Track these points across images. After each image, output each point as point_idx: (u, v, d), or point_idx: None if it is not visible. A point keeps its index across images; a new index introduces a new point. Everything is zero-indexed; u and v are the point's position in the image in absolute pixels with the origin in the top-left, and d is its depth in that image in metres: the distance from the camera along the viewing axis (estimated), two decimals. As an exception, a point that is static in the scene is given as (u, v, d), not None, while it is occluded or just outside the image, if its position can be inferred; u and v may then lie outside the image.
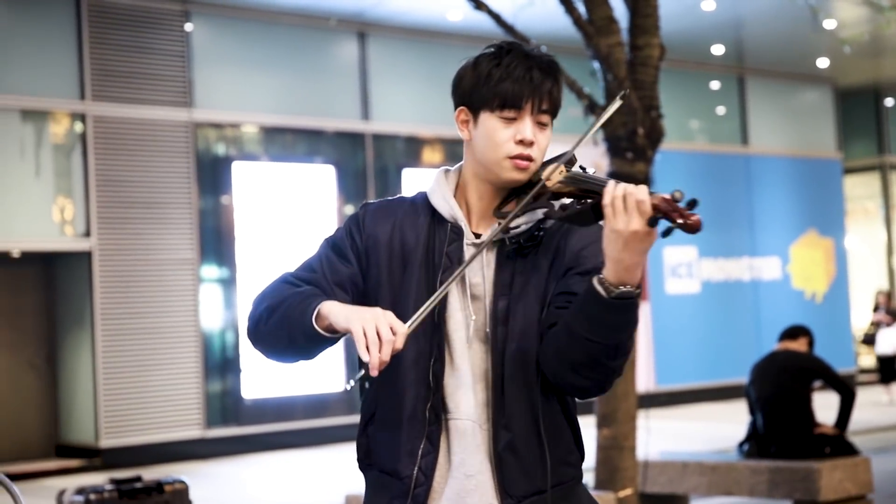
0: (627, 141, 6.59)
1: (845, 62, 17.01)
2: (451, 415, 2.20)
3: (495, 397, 2.18)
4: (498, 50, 2.25)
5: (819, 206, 18.09)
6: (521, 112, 2.20)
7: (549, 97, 2.22)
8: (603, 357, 2.09)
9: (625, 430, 6.58)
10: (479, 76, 2.22)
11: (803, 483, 7.02)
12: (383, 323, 2.03)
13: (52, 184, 11.83)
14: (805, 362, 7.39)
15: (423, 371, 2.20)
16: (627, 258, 2.00)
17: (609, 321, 2.05)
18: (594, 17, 6.63)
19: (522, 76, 2.19)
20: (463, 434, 2.19)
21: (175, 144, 12.43)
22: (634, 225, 1.98)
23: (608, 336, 2.07)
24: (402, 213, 2.30)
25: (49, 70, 11.81)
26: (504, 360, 2.18)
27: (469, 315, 2.21)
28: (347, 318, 2.07)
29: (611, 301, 2.02)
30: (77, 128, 11.96)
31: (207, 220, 12.75)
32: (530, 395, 2.19)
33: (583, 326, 2.06)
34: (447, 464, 2.20)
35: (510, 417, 2.17)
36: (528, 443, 2.18)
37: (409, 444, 2.19)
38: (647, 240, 1.99)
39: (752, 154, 17.40)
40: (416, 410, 2.19)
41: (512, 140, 2.20)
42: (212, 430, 12.51)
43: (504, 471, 2.17)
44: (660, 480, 7.65)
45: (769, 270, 17.38)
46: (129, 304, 11.97)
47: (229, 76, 12.99)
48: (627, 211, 1.98)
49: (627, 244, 1.99)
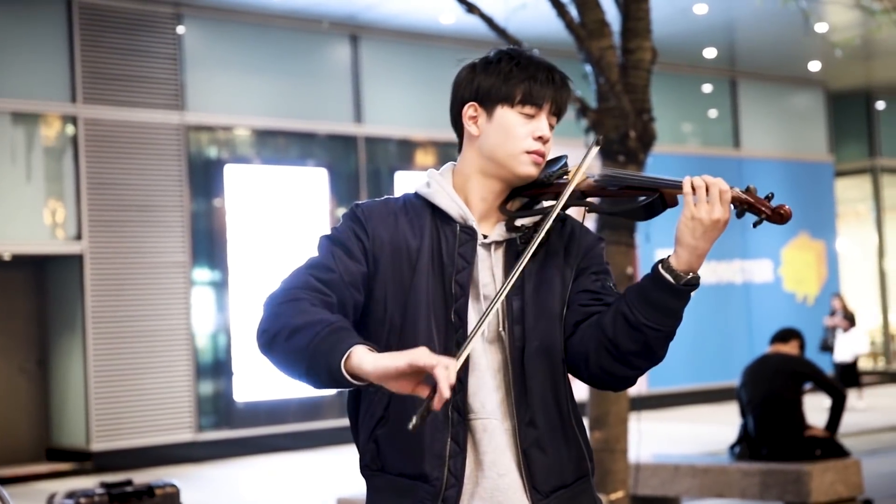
0: (619, 144, 6.60)
1: (837, 66, 17.05)
2: (476, 414, 2.19)
3: (517, 395, 2.19)
4: (514, 52, 2.32)
5: (811, 209, 18.13)
6: (540, 111, 2.26)
7: (563, 102, 2.30)
8: (658, 343, 2.16)
9: (616, 432, 6.58)
10: (500, 73, 2.26)
11: (794, 485, 7.04)
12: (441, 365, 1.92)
13: (44, 187, 11.81)
14: (796, 365, 7.41)
15: None
16: (702, 245, 2.11)
17: (673, 307, 2.13)
18: (586, 20, 6.64)
19: (546, 78, 2.27)
20: (492, 433, 2.18)
21: (167, 147, 12.42)
22: (717, 214, 2.09)
23: (668, 322, 2.14)
24: (399, 214, 2.28)
25: (40, 72, 11.79)
26: (524, 358, 2.20)
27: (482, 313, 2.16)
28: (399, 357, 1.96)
29: (680, 287, 2.12)
30: (69, 130, 11.95)
31: (199, 223, 12.74)
32: (556, 391, 2.23)
33: (644, 314, 2.12)
34: (474, 464, 2.19)
35: (535, 414, 2.19)
36: (553, 438, 2.21)
37: (435, 446, 2.16)
38: (722, 229, 2.10)
39: (744, 157, 17.43)
40: (438, 412, 2.10)
41: (531, 136, 2.24)
42: (204, 434, 12.49)
43: (532, 468, 2.19)
44: (651, 483, 7.66)
45: (761, 273, 17.41)
46: (121, 308, 11.95)
47: (221, 79, 12.99)
48: (710, 201, 2.09)
49: (706, 232, 2.10)
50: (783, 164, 17.86)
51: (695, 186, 2.10)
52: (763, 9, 12.77)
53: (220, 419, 12.75)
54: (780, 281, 17.63)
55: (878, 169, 19.70)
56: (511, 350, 2.20)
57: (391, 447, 2.20)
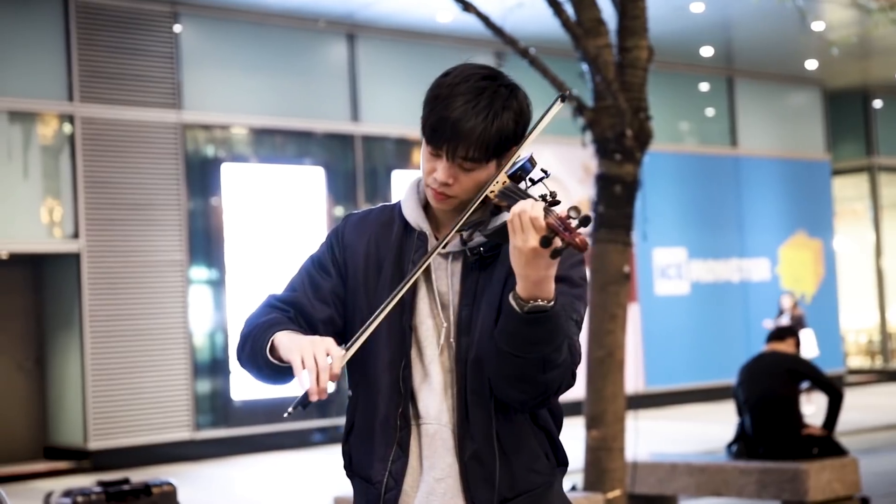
0: (616, 143, 6.60)
1: (834, 64, 17.06)
2: (423, 420, 2.23)
3: (460, 406, 2.21)
4: (458, 74, 2.21)
5: (808, 208, 18.14)
6: (439, 152, 2.18)
7: (473, 144, 2.15)
8: (532, 371, 2.08)
9: (613, 431, 6.59)
10: (426, 98, 2.21)
11: (791, 484, 7.04)
12: (320, 350, 2.06)
13: (41, 185, 11.81)
14: (793, 364, 7.41)
15: (394, 378, 2.23)
16: (533, 274, 2.00)
17: (527, 335, 2.05)
18: (582, 18, 6.64)
19: (446, 119, 2.15)
20: (433, 438, 2.22)
21: (164, 146, 12.41)
22: (531, 242, 1.98)
23: (530, 350, 2.06)
24: (378, 223, 2.34)
25: (37, 71, 11.78)
26: (466, 369, 2.20)
27: (440, 322, 2.24)
28: (288, 348, 2.11)
29: (524, 316, 2.03)
30: (65, 129, 11.94)
31: (196, 222, 12.74)
32: (488, 406, 2.20)
33: (504, 341, 2.07)
34: (419, 468, 2.24)
35: (473, 427, 2.20)
36: (489, 452, 2.20)
37: (381, 451, 2.24)
38: (546, 256, 1.98)
39: (741, 155, 17.44)
40: (388, 417, 2.23)
41: (431, 174, 2.20)
42: (201, 432, 12.49)
43: (469, 479, 2.20)
44: (649, 481, 7.66)
45: (758, 272, 17.42)
46: (118, 306, 11.95)
47: (218, 77, 12.98)
48: (524, 229, 1.99)
49: (528, 261, 1.99)
50: (780, 162, 17.86)
51: (514, 213, 2.01)
52: (759, 7, 12.77)
53: (217, 418, 12.75)
54: (777, 279, 17.64)
55: (876, 167, 19.71)
56: (457, 361, 2.22)
57: (356, 451, 2.30)
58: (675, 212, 16.33)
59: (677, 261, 16.43)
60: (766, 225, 17.56)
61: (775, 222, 17.71)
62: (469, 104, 2.15)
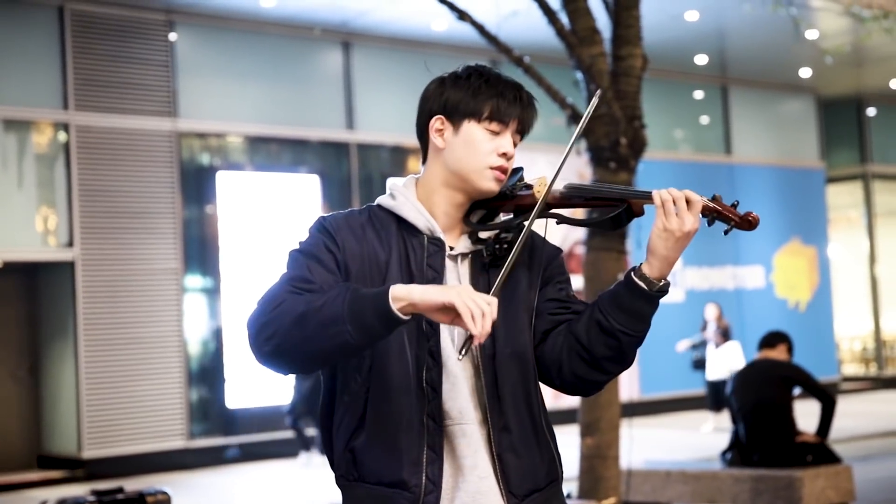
0: (610, 151, 6.62)
1: (828, 72, 17.11)
2: (454, 420, 2.24)
3: (490, 401, 2.24)
4: (482, 68, 2.35)
5: (802, 215, 18.17)
6: (506, 128, 2.30)
7: (532, 119, 2.35)
8: (630, 348, 2.27)
9: (608, 438, 6.60)
10: (468, 88, 2.30)
11: (786, 491, 7.05)
12: (479, 296, 2.05)
13: (36, 194, 11.80)
14: (785, 371, 7.42)
15: (416, 380, 2.22)
16: (673, 255, 2.21)
17: (646, 312, 2.25)
18: (577, 27, 6.66)
19: (513, 96, 2.31)
20: (469, 438, 2.23)
21: (159, 154, 12.41)
22: (688, 225, 2.18)
23: (641, 327, 2.26)
24: (365, 226, 2.30)
25: (32, 80, 11.78)
26: (496, 365, 2.25)
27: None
28: (443, 294, 2.03)
29: (653, 294, 2.24)
30: (60, 137, 11.94)
31: (191, 230, 12.74)
32: (528, 397, 2.28)
33: (618, 320, 2.23)
34: (453, 468, 2.23)
35: (508, 419, 2.24)
36: (526, 443, 2.27)
37: (412, 454, 2.20)
38: (691, 238, 2.19)
39: (736, 163, 17.47)
40: (413, 420, 2.21)
41: (495, 152, 2.29)
42: (195, 441, 12.48)
43: (507, 472, 2.24)
44: (643, 489, 7.67)
45: (753, 279, 17.44)
46: (113, 315, 11.94)
47: (213, 86, 12.99)
48: (680, 213, 2.17)
49: (678, 242, 2.19)
50: (774, 170, 17.90)
51: (663, 199, 2.18)
52: (754, 16, 12.81)
53: (211, 426, 12.73)
54: (771, 287, 17.66)
55: (870, 175, 19.75)
56: (483, 358, 2.25)
57: (368, 456, 2.23)
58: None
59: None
60: (760, 232, 17.58)
61: (770, 230, 17.73)
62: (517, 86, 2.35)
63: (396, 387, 2.22)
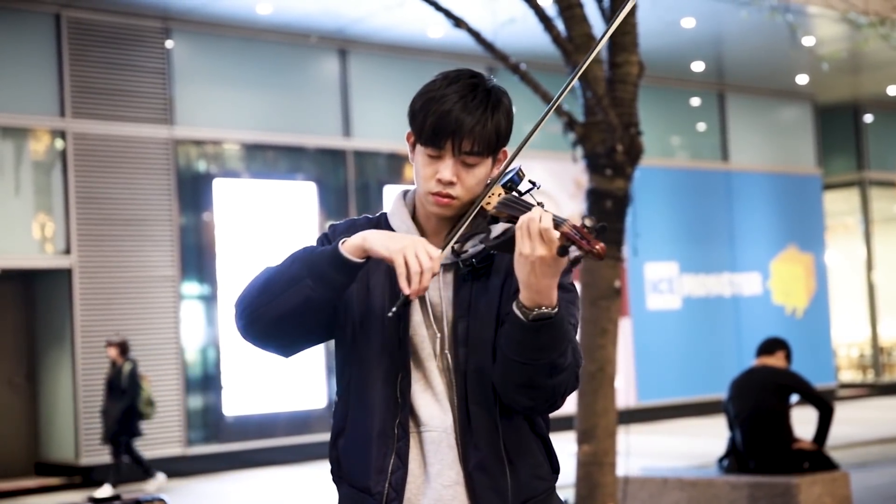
0: (607, 158, 6.62)
1: (824, 79, 17.13)
2: (425, 426, 2.23)
3: (461, 417, 2.22)
4: (444, 79, 2.23)
5: (799, 222, 18.18)
6: (442, 152, 2.19)
7: (476, 137, 2.18)
8: (540, 377, 2.12)
9: (605, 446, 6.59)
10: (417, 105, 2.22)
11: (783, 498, 7.05)
12: (422, 251, 2.07)
13: (33, 201, 11.80)
14: (783, 378, 7.42)
15: (391, 388, 2.22)
16: (536, 282, 2.04)
17: (533, 343, 2.08)
18: (573, 34, 6.67)
19: (448, 113, 2.17)
20: (438, 445, 2.22)
21: (155, 161, 12.41)
22: (539, 251, 2.01)
23: (537, 357, 2.09)
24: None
25: (29, 87, 11.79)
26: (466, 380, 2.22)
27: (434, 332, 2.24)
28: (386, 246, 2.10)
29: (530, 324, 2.07)
30: (57, 145, 11.94)
31: (188, 237, 12.73)
32: (492, 415, 2.22)
33: (511, 349, 2.11)
34: (422, 475, 2.24)
35: (478, 436, 2.21)
36: (496, 461, 2.22)
37: (379, 461, 2.22)
38: (554, 265, 2.02)
39: (733, 170, 17.49)
40: (385, 427, 2.22)
41: (433, 178, 2.20)
42: (193, 448, 12.46)
43: (476, 489, 2.21)
44: (640, 496, 7.67)
45: (750, 286, 17.45)
46: (110, 322, 11.93)
47: (210, 93, 13.00)
48: (532, 238, 2.02)
49: (534, 269, 2.03)
50: (771, 177, 17.91)
51: (522, 222, 2.04)
52: (750, 22, 12.83)
53: (208, 433, 12.72)
54: (768, 294, 17.67)
55: (867, 182, 19.77)
56: (455, 373, 2.23)
57: (347, 458, 2.28)
58: (667, 226, 16.36)
59: (669, 275, 16.45)
60: (757, 239, 17.60)
61: (767, 237, 17.74)
62: (466, 99, 2.19)
63: (372, 392, 2.23)
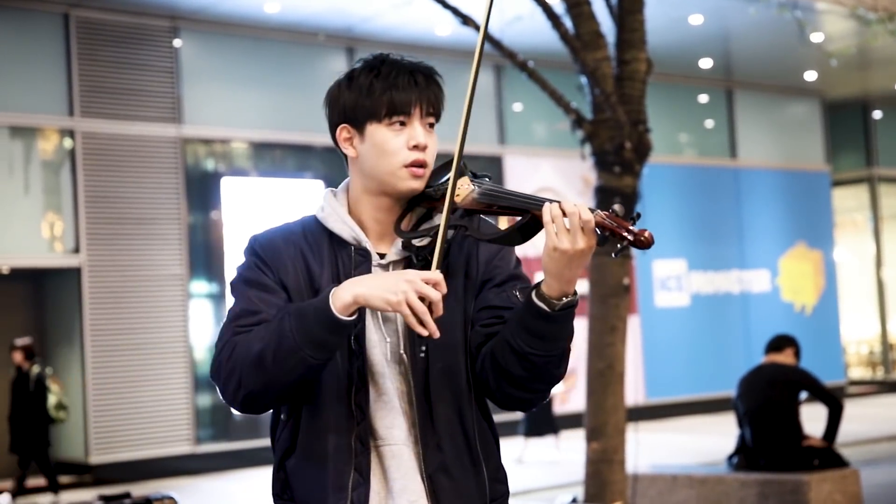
0: (615, 155, 6.62)
1: (833, 75, 17.09)
2: (384, 441, 2.14)
3: (422, 418, 2.13)
4: (373, 62, 2.20)
5: (808, 219, 18.15)
6: (411, 117, 2.15)
7: (433, 97, 2.18)
8: (552, 367, 2.08)
9: (614, 443, 6.59)
10: (360, 89, 2.16)
11: (793, 495, 7.04)
12: (422, 285, 1.96)
13: (42, 200, 11.83)
14: (792, 375, 7.40)
15: (344, 401, 2.12)
16: (569, 274, 1.99)
17: (554, 333, 2.04)
18: (581, 31, 6.66)
19: (407, 82, 2.15)
20: (399, 459, 2.13)
21: (164, 160, 12.43)
22: (580, 244, 1.96)
23: (553, 347, 2.05)
24: (300, 241, 2.23)
25: (38, 86, 11.81)
26: (429, 380, 2.13)
27: (384, 336, 2.15)
28: (386, 300, 1.98)
29: (556, 314, 2.02)
30: (66, 144, 11.96)
31: (197, 236, 12.75)
32: (461, 414, 2.15)
33: (527, 342, 2.04)
34: (384, 491, 2.14)
35: (441, 438, 2.13)
36: (461, 462, 2.14)
37: (338, 478, 2.10)
38: (589, 255, 1.98)
39: (741, 167, 17.46)
40: (341, 442, 2.11)
41: (405, 147, 2.15)
42: (202, 446, 12.48)
43: (438, 493, 2.12)
44: (649, 494, 7.66)
45: (758, 283, 17.42)
46: (119, 320, 11.96)
47: (218, 92, 13.01)
48: (572, 231, 1.96)
49: (571, 262, 1.98)
50: (780, 173, 17.88)
51: (553, 216, 1.98)
52: (758, 19, 12.81)
53: (217, 431, 12.74)
54: (777, 291, 17.64)
55: (876, 178, 19.73)
56: (414, 373, 2.13)
57: (298, 479, 2.15)
58: (675, 224, 16.33)
59: (677, 272, 16.43)
60: (766, 236, 17.57)
61: (775, 233, 17.71)
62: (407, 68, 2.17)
63: (326, 408, 2.12)
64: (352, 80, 2.19)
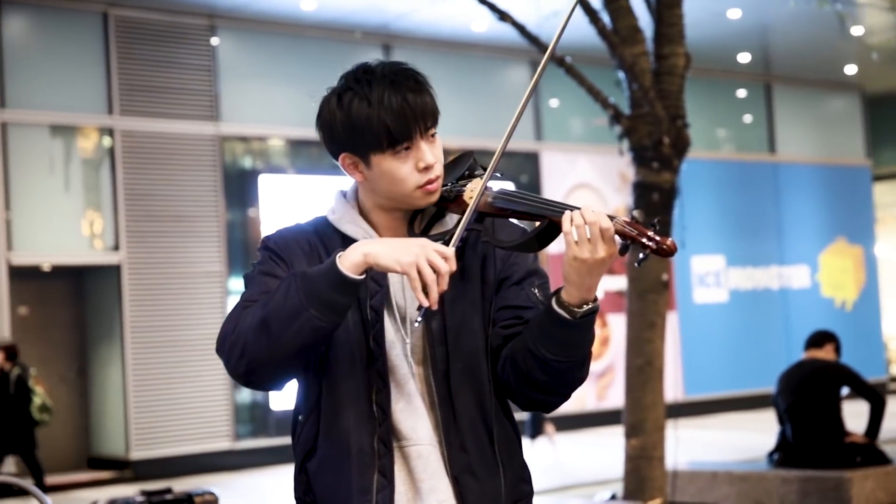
0: (653, 150, 6.59)
1: (873, 68, 16.91)
2: (408, 441, 2.12)
3: (445, 418, 2.11)
4: (357, 84, 2.17)
5: (848, 214, 17.98)
6: (411, 141, 2.12)
7: (427, 109, 2.16)
8: (575, 372, 2.07)
9: (653, 439, 6.56)
10: (354, 119, 2.14)
11: (835, 492, 6.98)
12: (433, 255, 1.96)
13: (81, 198, 11.93)
14: (832, 370, 7.34)
15: (364, 401, 2.10)
16: (590, 281, 1.98)
17: (575, 340, 2.03)
18: (619, 26, 6.63)
19: (399, 104, 2.11)
20: (426, 459, 2.11)
21: (202, 158, 12.51)
22: (601, 253, 1.94)
23: (575, 353, 2.04)
24: (313, 242, 2.21)
25: (77, 85, 11.92)
26: (450, 379, 2.11)
27: (404, 337, 2.13)
28: (397, 259, 1.96)
29: (577, 322, 2.00)
30: (105, 142, 12.06)
31: (234, 233, 12.82)
32: (483, 413, 2.13)
33: (548, 349, 2.02)
34: (411, 492, 2.12)
35: (465, 438, 2.11)
36: (485, 463, 2.12)
37: (361, 481, 2.08)
38: (609, 263, 1.97)
39: (780, 162, 17.33)
40: (363, 444, 2.09)
41: (415, 171, 2.12)
42: (241, 442, 12.55)
43: (465, 495, 2.10)
44: (689, 490, 7.62)
45: (798, 279, 17.29)
46: (158, 317, 12.04)
47: (255, 89, 13.07)
48: (592, 240, 1.94)
49: (591, 270, 1.96)
50: (819, 168, 17.73)
51: (576, 224, 1.95)
52: (797, 12, 12.70)
53: (256, 427, 12.81)
54: (817, 287, 17.50)
55: (917, 172, 19.53)
56: (435, 373, 2.11)
57: (320, 481, 2.14)
58: (714, 219, 16.24)
59: (716, 268, 16.34)
60: (805, 232, 17.43)
61: (815, 229, 17.57)
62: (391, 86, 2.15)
63: (346, 409, 2.10)
64: (343, 108, 2.18)
